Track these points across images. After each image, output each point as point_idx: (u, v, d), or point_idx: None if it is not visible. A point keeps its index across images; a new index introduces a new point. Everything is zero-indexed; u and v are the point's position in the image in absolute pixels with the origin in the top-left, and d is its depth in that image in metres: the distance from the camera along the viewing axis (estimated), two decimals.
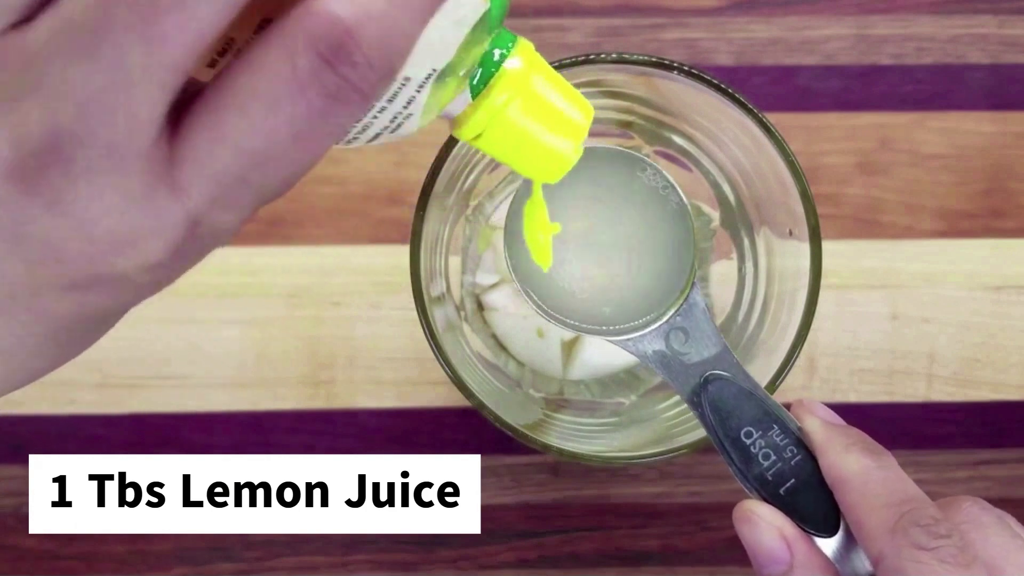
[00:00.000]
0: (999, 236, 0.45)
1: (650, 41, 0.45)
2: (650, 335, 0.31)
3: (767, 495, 0.29)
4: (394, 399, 0.44)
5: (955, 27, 0.45)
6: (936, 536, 0.25)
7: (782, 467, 0.29)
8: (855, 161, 0.45)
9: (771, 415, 0.30)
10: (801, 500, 0.29)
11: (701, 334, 0.31)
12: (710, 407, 0.30)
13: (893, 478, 0.27)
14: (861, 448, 0.28)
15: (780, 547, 0.28)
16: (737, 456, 0.29)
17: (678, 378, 0.31)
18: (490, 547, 0.43)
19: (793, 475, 0.29)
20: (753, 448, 0.29)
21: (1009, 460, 0.44)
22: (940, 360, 0.44)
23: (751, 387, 0.30)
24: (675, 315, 0.31)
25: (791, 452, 0.29)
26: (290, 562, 0.43)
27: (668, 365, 0.31)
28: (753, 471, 0.29)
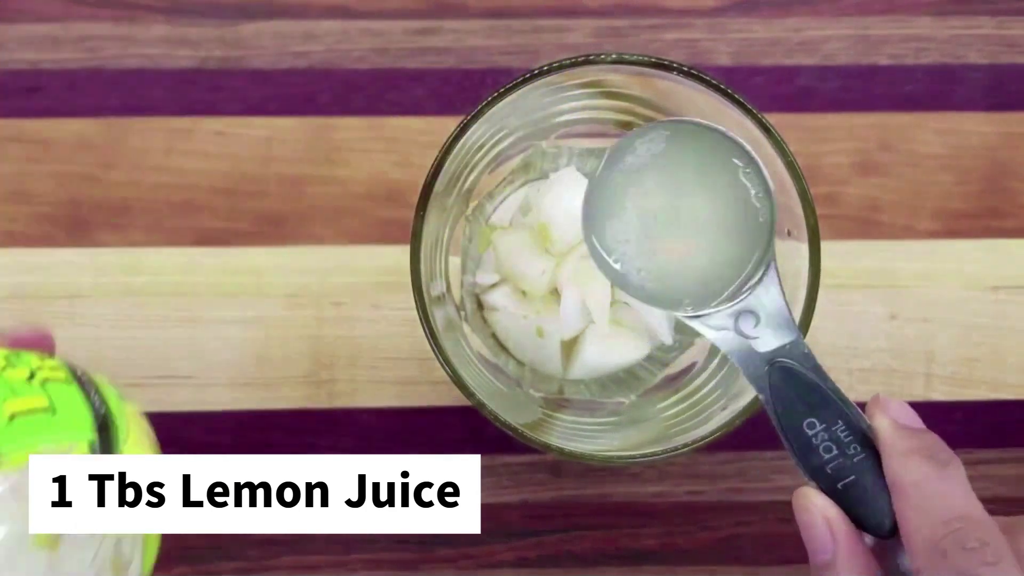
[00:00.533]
0: (998, 236, 0.45)
1: (650, 42, 0.45)
2: (721, 315, 0.30)
3: (824, 487, 0.28)
4: (394, 399, 0.44)
5: (954, 27, 0.45)
6: (981, 562, 0.24)
7: (843, 462, 0.29)
8: (854, 161, 0.45)
9: (838, 409, 0.29)
10: (859, 498, 0.28)
11: (773, 319, 0.30)
12: (774, 393, 0.29)
13: (952, 491, 0.26)
14: (924, 455, 0.27)
15: (825, 536, 0.28)
16: (798, 445, 0.29)
17: (745, 361, 0.30)
18: (490, 546, 0.43)
19: (853, 472, 0.28)
20: (815, 440, 0.29)
21: (1008, 460, 0.44)
22: (939, 360, 0.44)
23: (821, 378, 0.29)
24: (748, 297, 0.30)
25: (854, 450, 0.29)
26: (290, 561, 0.43)
27: (738, 347, 0.30)
28: (812, 462, 0.29)
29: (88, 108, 0.45)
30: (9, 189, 0.44)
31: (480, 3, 0.45)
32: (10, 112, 0.44)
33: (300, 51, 0.45)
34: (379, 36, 0.45)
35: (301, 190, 0.44)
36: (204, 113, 0.45)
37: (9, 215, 0.44)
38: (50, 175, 0.44)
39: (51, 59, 0.45)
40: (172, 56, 0.45)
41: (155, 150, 0.44)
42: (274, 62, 0.45)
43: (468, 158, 0.35)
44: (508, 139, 0.37)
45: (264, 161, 0.44)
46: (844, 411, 0.29)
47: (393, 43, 0.45)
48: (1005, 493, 0.44)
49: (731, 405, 0.34)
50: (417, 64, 0.45)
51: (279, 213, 0.44)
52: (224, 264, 0.44)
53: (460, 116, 0.33)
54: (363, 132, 0.45)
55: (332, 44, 0.45)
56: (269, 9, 0.45)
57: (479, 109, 0.33)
